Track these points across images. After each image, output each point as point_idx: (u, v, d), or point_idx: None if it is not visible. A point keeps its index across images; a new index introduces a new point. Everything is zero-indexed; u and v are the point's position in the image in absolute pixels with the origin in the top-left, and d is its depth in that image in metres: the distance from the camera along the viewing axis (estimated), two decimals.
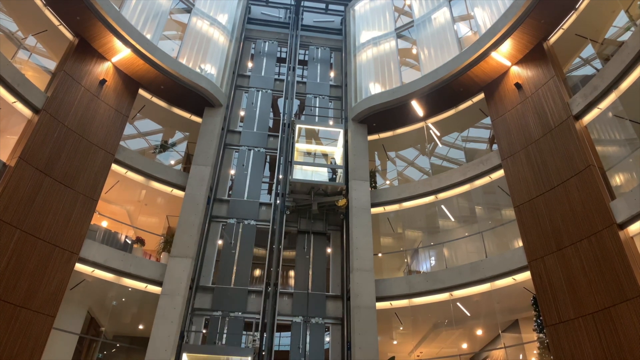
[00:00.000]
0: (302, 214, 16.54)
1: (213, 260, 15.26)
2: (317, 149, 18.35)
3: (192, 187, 15.47)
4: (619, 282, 10.23)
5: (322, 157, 18.43)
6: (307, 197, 15.98)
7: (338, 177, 16.80)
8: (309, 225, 16.44)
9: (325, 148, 18.39)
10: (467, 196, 16.13)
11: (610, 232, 10.80)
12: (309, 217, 16.47)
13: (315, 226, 16.48)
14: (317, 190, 16.07)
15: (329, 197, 16.13)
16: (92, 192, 13.46)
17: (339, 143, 17.70)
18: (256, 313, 14.25)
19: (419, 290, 14.24)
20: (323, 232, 16.37)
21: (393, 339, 16.55)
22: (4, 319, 10.51)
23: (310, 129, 18.28)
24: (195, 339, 13.71)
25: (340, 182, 16.38)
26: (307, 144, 18.40)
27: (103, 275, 13.34)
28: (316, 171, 16.90)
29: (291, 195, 15.95)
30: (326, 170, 17.09)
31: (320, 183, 16.05)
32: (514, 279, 13.01)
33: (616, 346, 9.84)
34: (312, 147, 18.38)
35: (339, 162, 17.36)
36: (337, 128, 17.92)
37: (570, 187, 12.08)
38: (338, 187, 16.11)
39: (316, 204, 15.88)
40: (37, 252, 11.60)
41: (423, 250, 17.74)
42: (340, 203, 15.93)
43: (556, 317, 11.13)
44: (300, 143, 17.65)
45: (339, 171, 16.86)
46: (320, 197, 16.10)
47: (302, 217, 16.51)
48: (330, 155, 18.27)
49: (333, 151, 18.20)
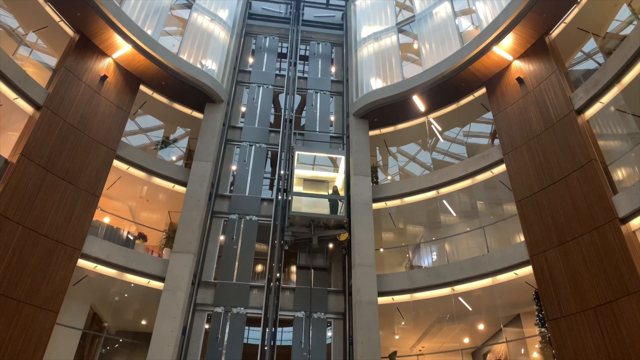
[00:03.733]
0: (302, 248, 15.80)
1: (215, 256, 15.29)
2: (317, 176, 17.10)
3: (193, 183, 15.49)
4: (621, 276, 10.23)
5: (322, 182, 17.33)
6: (307, 231, 15.21)
7: (340, 208, 15.89)
8: (309, 259, 15.62)
9: (326, 174, 17.28)
10: (468, 191, 16.13)
11: (612, 227, 10.79)
12: (309, 251, 15.64)
13: (316, 259, 15.67)
14: (318, 223, 15.31)
15: (331, 230, 15.36)
16: (93, 188, 13.48)
17: (340, 169, 16.92)
18: (258, 308, 14.29)
19: (421, 285, 14.26)
20: (324, 267, 15.52)
21: (395, 334, 16.59)
22: (7, 314, 10.56)
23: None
24: (197, 334, 13.74)
25: (342, 214, 15.47)
26: (308, 165, 17.15)
27: (105, 271, 13.38)
28: (317, 194, 16.28)
29: (290, 229, 15.17)
30: (327, 200, 16.28)
31: (321, 216, 15.31)
32: (516, 274, 13.02)
33: (618, 340, 9.85)
34: (312, 174, 17.05)
35: (340, 187, 16.57)
36: (338, 154, 17.10)
37: (572, 182, 12.06)
38: (340, 220, 15.30)
39: (316, 238, 15.12)
40: (39, 248, 11.63)
41: (425, 245, 17.74)
42: (342, 237, 15.12)
43: (558, 311, 11.14)
44: (299, 169, 16.64)
45: (340, 203, 15.94)
46: (320, 230, 15.30)
47: (302, 251, 15.77)
48: (331, 182, 17.23)
49: (334, 177, 17.20)
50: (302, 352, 13.64)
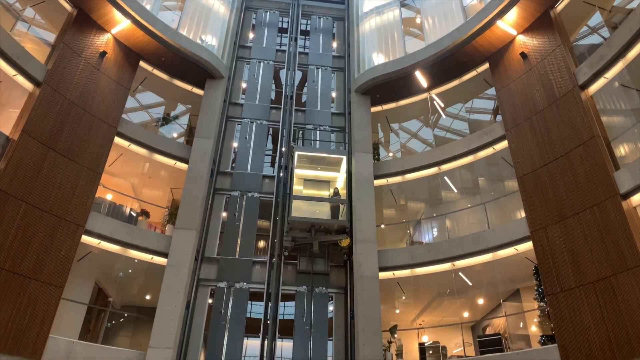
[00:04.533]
0: (302, 252, 15.26)
1: (217, 232, 15.40)
2: (318, 176, 16.46)
3: (195, 160, 15.50)
4: (621, 251, 10.32)
5: (323, 183, 16.70)
6: (307, 236, 14.72)
7: (341, 212, 15.35)
8: (309, 264, 15.06)
9: (327, 174, 16.63)
10: (470, 168, 16.13)
11: (613, 203, 10.83)
12: (309, 255, 15.12)
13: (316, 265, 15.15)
14: (319, 228, 14.83)
15: (332, 235, 14.88)
16: (95, 165, 13.50)
17: (342, 169, 16.32)
18: (261, 283, 14.47)
19: (421, 261, 14.39)
20: (325, 272, 15.00)
21: (395, 308, 16.83)
22: (14, 290, 10.72)
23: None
24: (201, 309, 13.96)
25: (344, 219, 14.93)
26: (308, 165, 16.44)
27: (109, 247, 13.51)
28: (317, 198, 15.88)
29: (290, 233, 14.70)
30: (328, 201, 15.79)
31: (322, 221, 14.82)
32: (516, 249, 13.12)
33: (616, 314, 9.99)
34: (313, 173, 16.42)
35: (342, 188, 16.00)
36: (340, 155, 16.38)
37: (574, 158, 12.05)
38: (342, 225, 14.80)
39: (317, 244, 14.65)
40: (43, 224, 11.73)
41: (425, 221, 17.84)
42: (344, 243, 14.62)
43: (557, 286, 11.27)
44: (299, 169, 16.08)
45: (342, 206, 15.36)
46: (321, 235, 14.80)
47: (302, 255, 15.24)
48: (332, 182, 16.64)
49: (336, 177, 16.68)
50: (304, 325, 13.87)
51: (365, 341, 12.82)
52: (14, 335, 10.41)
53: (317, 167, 16.35)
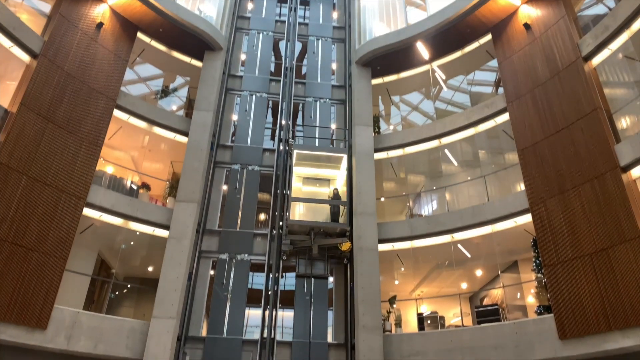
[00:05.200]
0: (301, 254, 14.81)
1: (218, 205, 15.48)
2: (317, 174, 16.10)
3: (194, 133, 15.45)
4: (619, 224, 10.40)
5: (323, 181, 16.32)
6: (306, 239, 14.30)
7: (342, 213, 14.95)
8: (308, 267, 14.65)
9: (328, 172, 16.17)
10: (470, 141, 16.09)
11: (613, 175, 10.85)
12: (308, 258, 14.68)
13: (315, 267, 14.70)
14: (318, 231, 14.42)
15: (332, 238, 14.47)
16: (95, 138, 13.46)
17: (342, 166, 15.81)
18: (262, 255, 14.63)
19: (421, 233, 14.52)
20: (324, 276, 14.57)
21: (395, 279, 17.07)
22: (18, 261, 10.85)
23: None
24: (203, 280, 14.15)
25: (344, 222, 14.50)
26: (307, 163, 15.97)
27: (111, 219, 13.61)
28: (317, 195, 15.49)
29: (288, 237, 14.27)
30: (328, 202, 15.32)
31: (322, 225, 14.47)
32: (515, 222, 13.22)
33: (612, 285, 10.14)
34: (313, 172, 16.03)
35: (342, 189, 15.48)
36: (340, 153, 15.94)
37: (575, 131, 12.01)
38: (342, 228, 14.37)
39: (316, 247, 14.32)
40: (44, 197, 11.78)
41: (425, 194, 17.90)
42: (344, 247, 14.20)
43: (555, 257, 11.39)
44: (298, 166, 15.64)
45: (342, 208, 14.94)
46: (321, 239, 14.38)
47: (301, 257, 14.77)
48: (332, 181, 16.24)
49: (335, 176, 16.27)
50: (305, 296, 14.09)
51: (364, 311, 13.06)
52: (19, 306, 10.60)
53: (316, 165, 15.94)
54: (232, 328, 13.47)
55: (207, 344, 13.19)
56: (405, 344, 12.82)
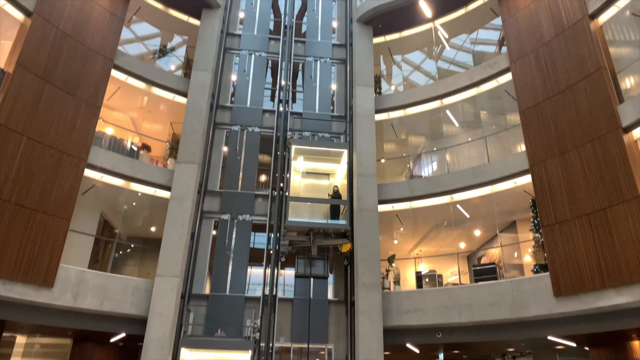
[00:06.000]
0: (300, 254, 14.63)
1: (219, 166, 15.52)
2: (316, 168, 15.52)
3: (193, 94, 15.29)
4: (618, 184, 10.45)
5: (322, 176, 15.74)
6: (305, 239, 13.93)
7: (342, 211, 14.46)
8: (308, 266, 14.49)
9: (327, 166, 15.56)
10: (472, 101, 15.96)
11: (614, 136, 10.82)
12: (307, 258, 14.50)
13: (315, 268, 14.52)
14: (317, 231, 14.00)
15: (332, 238, 14.14)
16: (94, 98, 13.34)
17: (343, 160, 15.18)
18: (263, 215, 14.79)
19: (420, 194, 14.62)
20: (324, 276, 14.44)
21: (394, 239, 17.32)
22: (22, 221, 10.98)
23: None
24: (205, 240, 14.36)
25: (344, 222, 14.04)
26: (306, 158, 15.36)
27: (112, 180, 13.67)
28: (316, 188, 15.00)
29: (287, 237, 13.89)
30: (327, 195, 14.89)
31: (320, 225, 14.02)
32: (515, 183, 13.28)
33: (608, 245, 10.29)
34: (312, 166, 15.46)
35: (341, 186, 14.91)
36: (341, 148, 15.19)
37: (578, 91, 11.88)
38: (341, 229, 13.98)
39: (316, 248, 14.06)
40: (45, 158, 11.79)
41: (426, 155, 17.92)
42: (344, 249, 13.94)
43: (553, 218, 11.52)
44: (296, 159, 15.04)
45: (343, 206, 14.43)
46: (320, 239, 14.04)
47: (300, 257, 14.59)
48: (332, 176, 15.70)
49: (336, 169, 15.69)
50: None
51: (364, 269, 13.32)
52: (25, 265, 10.80)
53: (316, 159, 15.35)
54: (234, 286, 13.79)
55: (211, 301, 13.54)
56: (404, 301, 13.14)
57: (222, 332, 12.98)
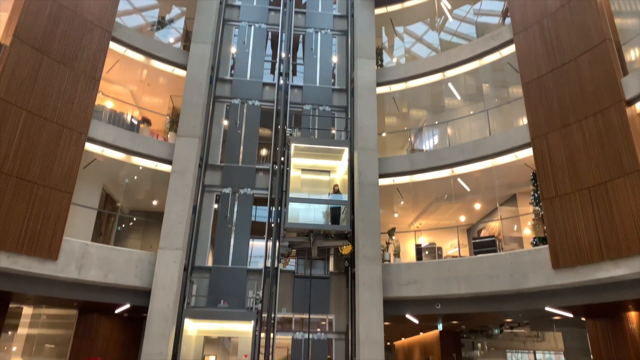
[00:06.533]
0: (300, 254, 14.58)
1: (220, 140, 15.50)
2: (316, 165, 15.01)
3: (193, 66, 15.13)
4: (619, 158, 10.44)
5: (323, 173, 15.27)
6: (305, 240, 13.61)
7: (343, 210, 14.05)
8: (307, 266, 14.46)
9: (328, 163, 15.08)
10: (475, 74, 15.80)
11: (617, 109, 10.75)
12: (307, 257, 14.45)
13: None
14: (318, 232, 13.68)
15: (332, 240, 13.83)
16: (92, 71, 13.21)
17: (344, 157, 14.67)
18: (264, 189, 14.85)
19: (421, 168, 14.63)
20: (325, 276, 14.40)
21: (394, 212, 17.41)
22: (24, 195, 11.03)
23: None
24: (207, 213, 14.46)
25: (345, 224, 13.70)
26: (306, 156, 14.79)
27: (113, 154, 13.67)
28: (317, 184, 14.60)
29: (286, 238, 13.61)
30: (327, 195, 14.49)
31: (321, 227, 13.72)
32: (516, 156, 13.27)
33: (608, 218, 10.35)
34: (312, 163, 14.95)
35: (341, 183, 14.61)
36: (341, 146, 14.66)
37: (582, 63, 11.75)
38: (342, 231, 13.68)
39: (316, 249, 13.87)
40: (45, 132, 11.76)
41: (427, 129, 17.85)
42: (345, 251, 13.72)
43: (553, 191, 11.55)
44: (296, 156, 14.56)
45: (344, 207, 14.03)
46: (321, 240, 13.72)
47: (300, 257, 14.57)
48: (333, 173, 15.25)
49: (336, 166, 15.23)
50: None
51: (364, 242, 13.45)
52: (29, 238, 10.91)
53: (316, 156, 14.87)
54: (236, 258, 13.97)
55: (213, 273, 13.74)
56: (404, 272, 13.31)
57: (224, 303, 13.20)
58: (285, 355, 14.13)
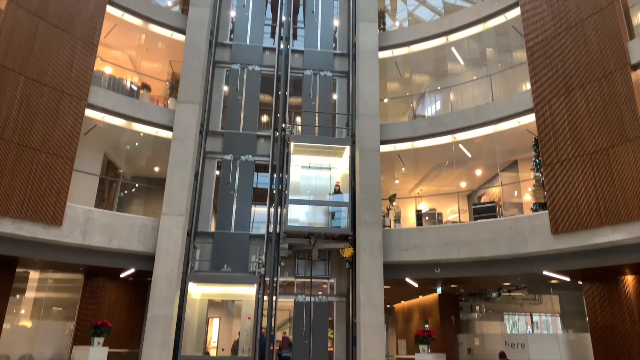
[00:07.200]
0: (301, 255, 14.22)
1: (220, 106, 15.39)
2: (317, 162, 14.70)
3: (192, 31, 14.86)
4: (622, 123, 10.40)
5: (324, 170, 14.90)
6: (306, 242, 13.53)
7: (343, 214, 13.80)
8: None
9: (329, 160, 14.73)
10: (478, 38, 15.53)
11: (622, 74, 10.63)
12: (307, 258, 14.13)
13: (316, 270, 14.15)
14: (318, 235, 13.53)
15: (333, 242, 13.72)
16: (90, 36, 13.00)
17: (345, 154, 14.32)
18: (266, 156, 14.85)
19: (423, 134, 14.59)
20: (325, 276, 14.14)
21: (395, 179, 17.47)
22: (26, 162, 11.06)
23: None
24: (209, 180, 14.52)
25: (346, 226, 13.51)
26: (306, 154, 14.51)
27: (113, 121, 13.61)
28: (316, 202, 14.22)
29: (286, 240, 13.47)
30: (328, 195, 14.20)
31: (321, 230, 13.49)
32: (518, 122, 13.21)
33: (609, 184, 10.39)
34: (312, 160, 14.65)
35: (342, 181, 14.23)
36: (342, 144, 14.30)
37: (588, 27, 11.53)
38: (343, 233, 13.52)
39: (316, 251, 13.76)
40: (45, 98, 11.68)
41: (429, 94, 17.70)
42: (346, 254, 13.52)
43: (555, 157, 11.55)
44: (296, 154, 14.22)
45: (345, 210, 13.74)
46: (321, 242, 13.64)
47: (300, 258, 14.22)
48: (334, 169, 14.84)
49: (337, 164, 14.80)
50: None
51: (365, 208, 13.54)
52: (33, 204, 11.00)
53: (316, 152, 14.53)
54: (239, 224, 14.10)
55: (216, 238, 13.90)
56: (404, 238, 13.47)
57: (228, 268, 13.42)
58: (288, 317, 14.48)
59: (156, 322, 12.04)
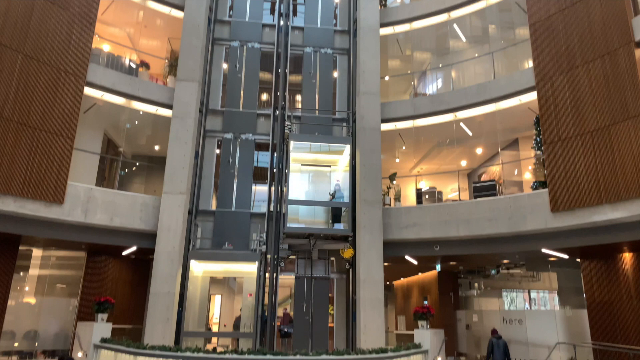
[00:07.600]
0: (301, 255, 14.05)
1: (220, 84, 15.28)
2: (317, 159, 14.42)
3: (190, 7, 14.66)
4: (625, 101, 10.34)
5: (324, 169, 14.66)
6: (305, 242, 13.43)
7: (343, 214, 13.63)
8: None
9: (329, 157, 14.38)
10: (481, 14, 15.31)
11: (626, 51, 10.52)
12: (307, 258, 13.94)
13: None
14: (318, 235, 13.41)
15: (333, 242, 13.62)
16: (87, 12, 12.81)
17: (345, 152, 13.97)
18: (266, 135, 14.81)
19: (424, 112, 14.52)
20: (325, 276, 13.90)
21: (396, 157, 17.46)
22: (26, 140, 11.03)
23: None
24: (210, 158, 14.52)
25: (346, 228, 13.34)
26: (306, 153, 14.18)
27: (113, 99, 13.54)
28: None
29: (286, 241, 13.35)
30: (327, 194, 13.97)
31: (320, 231, 13.39)
32: (520, 100, 13.14)
33: (609, 161, 10.39)
34: (312, 157, 14.35)
35: (344, 169, 14.08)
36: (342, 143, 13.96)
37: (592, 3, 11.36)
38: (344, 234, 13.37)
39: (316, 252, 13.68)
40: (43, 76, 11.59)
41: (431, 72, 17.53)
42: (346, 255, 13.42)
43: (556, 135, 11.52)
44: (295, 153, 13.89)
45: (344, 209, 13.60)
46: (321, 243, 13.55)
47: (300, 258, 14.02)
48: (334, 167, 14.59)
49: (337, 160, 14.46)
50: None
51: (365, 187, 13.58)
52: (34, 182, 11.02)
53: (316, 151, 14.23)
54: (240, 202, 14.16)
55: (217, 216, 13.98)
56: (404, 216, 13.54)
57: (229, 245, 13.53)
58: (289, 293, 14.64)
59: (158, 299, 12.20)
